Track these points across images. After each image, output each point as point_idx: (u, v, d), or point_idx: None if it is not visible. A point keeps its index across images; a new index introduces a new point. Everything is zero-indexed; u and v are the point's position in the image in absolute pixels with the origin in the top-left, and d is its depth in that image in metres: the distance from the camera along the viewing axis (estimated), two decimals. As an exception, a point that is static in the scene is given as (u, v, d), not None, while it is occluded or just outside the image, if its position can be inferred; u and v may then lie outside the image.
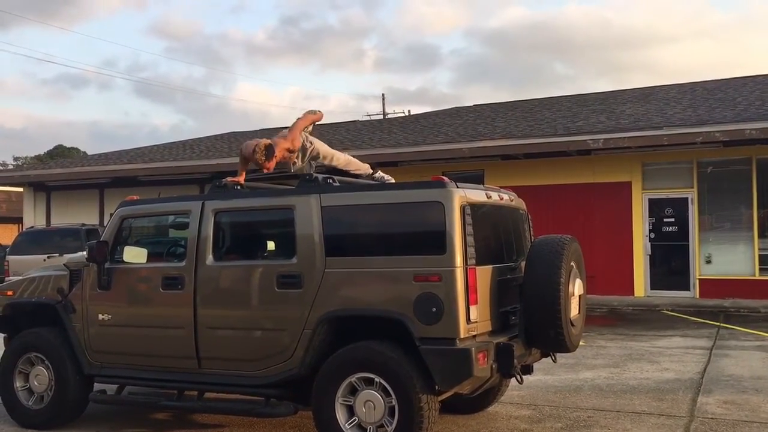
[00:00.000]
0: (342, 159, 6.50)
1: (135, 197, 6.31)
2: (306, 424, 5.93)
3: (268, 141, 5.89)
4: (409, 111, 41.56)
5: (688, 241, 14.92)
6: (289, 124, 6.37)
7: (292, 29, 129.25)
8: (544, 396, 7.07)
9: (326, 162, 6.47)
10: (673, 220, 15.10)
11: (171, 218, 6.33)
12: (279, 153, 5.92)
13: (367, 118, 41.73)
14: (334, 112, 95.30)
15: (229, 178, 6.00)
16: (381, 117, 42.37)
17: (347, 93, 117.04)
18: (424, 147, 16.20)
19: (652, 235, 15.20)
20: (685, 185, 15.02)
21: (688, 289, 14.83)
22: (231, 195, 5.82)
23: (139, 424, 6.29)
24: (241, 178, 6.05)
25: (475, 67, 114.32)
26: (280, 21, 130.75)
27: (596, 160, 15.40)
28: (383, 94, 44.91)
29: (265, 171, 5.94)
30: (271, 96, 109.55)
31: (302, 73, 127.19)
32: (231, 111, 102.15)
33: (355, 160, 6.61)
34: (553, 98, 20.73)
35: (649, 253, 15.17)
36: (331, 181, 5.55)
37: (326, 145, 6.50)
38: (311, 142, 6.36)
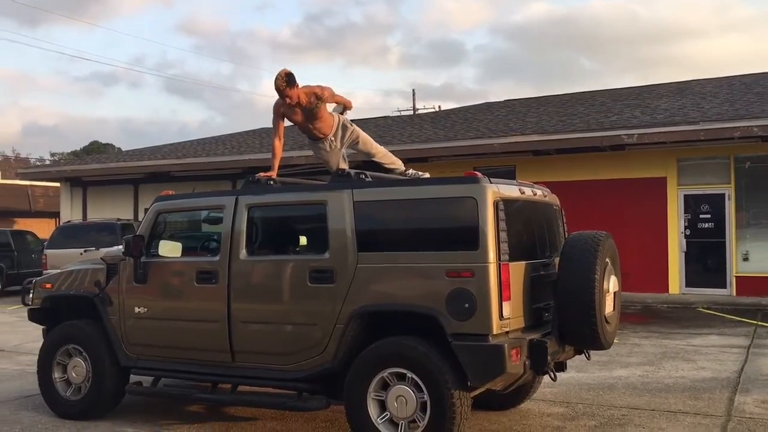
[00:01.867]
0: (380, 150, 6.53)
1: (170, 192, 6.39)
2: (338, 418, 5.95)
3: (289, 70, 5.97)
4: (439, 106, 41.41)
5: (724, 238, 14.64)
6: None
7: (316, 26, 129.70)
8: (577, 393, 7.01)
9: (364, 149, 6.51)
10: (709, 216, 14.83)
11: (205, 213, 6.40)
12: (303, 93, 5.98)
13: (397, 114, 41.74)
14: (360, 109, 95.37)
15: (262, 174, 6.04)
16: (411, 113, 42.30)
17: (372, 89, 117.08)
18: (454, 143, 16.13)
19: (688, 232, 14.95)
20: (721, 181, 14.74)
21: (724, 286, 14.56)
22: (264, 190, 5.86)
23: (174, 416, 6.37)
24: (274, 173, 6.08)
25: (499, 62, 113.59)
26: (304, 18, 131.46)
27: (630, 156, 15.19)
28: (413, 90, 44.91)
29: (287, 102, 5.98)
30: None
31: (327, 70, 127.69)
32: (258, 107, 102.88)
33: (391, 154, 6.62)
34: (586, 93, 20.49)
35: (685, 250, 14.92)
36: (363, 176, 5.55)
37: (366, 134, 6.53)
38: (351, 125, 6.39)
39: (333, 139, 6.25)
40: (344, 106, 6.49)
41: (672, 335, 10.52)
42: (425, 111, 42.23)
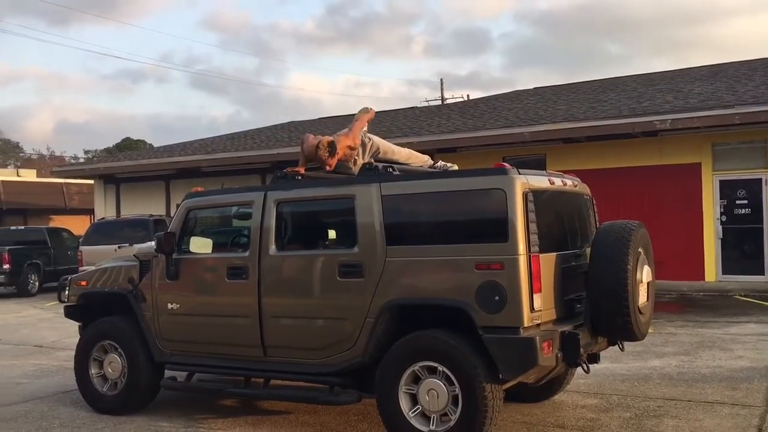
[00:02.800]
0: (403, 153, 6.48)
1: (200, 189, 6.44)
2: (370, 411, 5.96)
3: (330, 138, 5.90)
4: (468, 96, 41.15)
5: (762, 224, 14.31)
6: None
7: (339, 17, 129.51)
8: (611, 384, 6.92)
9: (385, 157, 6.46)
10: (746, 202, 14.50)
11: (235, 209, 6.44)
12: (341, 150, 5.92)
13: (425, 104, 41.58)
14: (386, 99, 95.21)
15: (290, 169, 6.05)
16: (439, 102, 42.11)
17: (398, 79, 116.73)
18: (483, 132, 15.99)
19: (724, 218, 14.65)
20: (758, 165, 14.40)
21: (762, 273, 14.24)
22: (292, 185, 5.87)
23: (208, 410, 6.44)
24: (302, 169, 6.09)
25: (526, 50, 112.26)
26: (327, 9, 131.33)
27: (663, 142, 14.92)
28: (441, 80, 44.51)
29: (328, 169, 5.93)
30: (323, 84, 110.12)
31: (352, 61, 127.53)
32: (284, 100, 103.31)
33: (416, 153, 6.58)
34: (617, 78, 20.16)
35: (721, 236, 14.63)
36: (391, 169, 5.53)
37: (385, 141, 6.49)
38: (370, 138, 6.37)
39: (356, 158, 6.22)
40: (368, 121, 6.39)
41: (708, 324, 10.34)
42: (453, 101, 42.09)
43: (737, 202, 14.58)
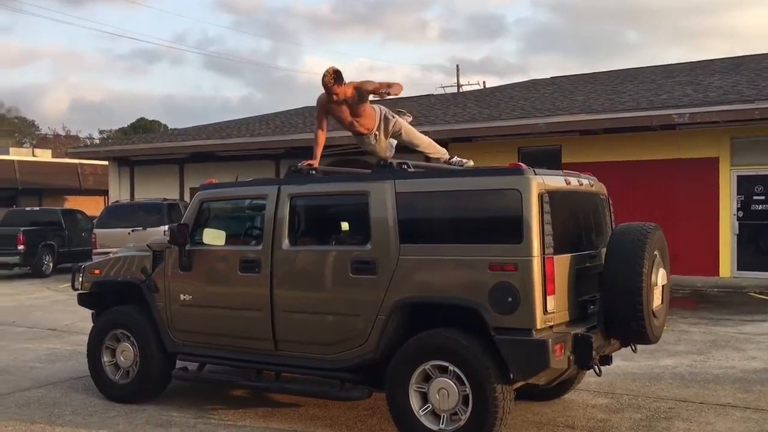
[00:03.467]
0: (424, 140, 6.48)
1: (214, 180, 6.43)
2: (380, 406, 5.96)
3: (337, 68, 5.99)
4: (484, 83, 40.87)
5: (779, 220, 14.18)
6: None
7: (354, 1, 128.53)
8: (622, 384, 6.89)
9: (407, 139, 6.48)
10: (763, 198, 14.34)
11: (248, 202, 6.43)
12: (349, 89, 6.01)
13: (441, 90, 41.35)
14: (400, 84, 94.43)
15: (305, 162, 6.03)
16: (455, 89, 41.89)
17: (412, 65, 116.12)
18: (499, 122, 15.89)
19: (740, 214, 14.50)
20: (777, 161, 14.23)
21: (777, 270, 14.12)
22: (306, 180, 5.85)
23: (219, 401, 6.47)
24: (316, 162, 6.07)
25: (541, 36, 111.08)
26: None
27: (681, 135, 14.75)
28: (457, 66, 44.39)
29: (334, 98, 6.03)
30: (337, 68, 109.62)
31: (366, 45, 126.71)
32: (297, 83, 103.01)
33: (436, 144, 6.55)
34: (636, 69, 19.93)
35: (737, 232, 14.49)
36: (405, 166, 5.50)
37: (409, 125, 6.48)
38: (394, 116, 6.36)
39: (377, 132, 6.21)
40: (389, 92, 6.38)
41: (722, 322, 10.27)
42: (469, 87, 41.84)
43: (754, 197, 14.42)
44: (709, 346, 8.63)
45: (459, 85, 43.01)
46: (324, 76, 5.99)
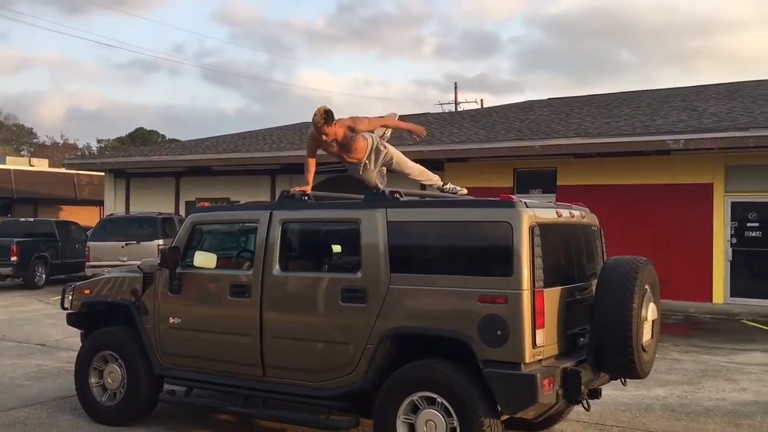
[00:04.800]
0: (416, 169, 6.46)
1: (206, 204, 6.43)
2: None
3: (328, 107, 5.94)
4: (481, 101, 41.05)
5: (772, 248, 14.20)
6: (354, 112, 6.38)
7: (350, 16, 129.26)
8: (612, 414, 6.86)
9: (399, 169, 6.47)
10: (757, 225, 14.38)
11: (240, 225, 6.42)
12: (340, 128, 5.96)
13: (439, 107, 41.51)
14: (395, 100, 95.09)
15: (297, 188, 6.02)
16: (452, 105, 42.05)
17: (407, 80, 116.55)
18: (495, 144, 15.93)
19: (734, 240, 14.53)
20: (771, 188, 14.28)
21: (770, 297, 14.13)
22: (298, 205, 5.84)
23: (206, 424, 6.43)
24: (308, 188, 6.07)
25: (535, 54, 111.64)
26: (338, 8, 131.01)
27: (676, 161, 14.81)
28: (455, 83, 44.54)
29: (324, 138, 5.98)
30: (332, 82, 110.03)
31: (362, 60, 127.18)
32: (293, 96, 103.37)
33: (428, 171, 6.55)
34: (632, 92, 20.05)
35: (730, 258, 14.52)
36: (398, 195, 5.50)
37: (400, 153, 6.47)
38: (385, 147, 6.35)
39: (367, 162, 6.21)
40: (385, 127, 6.40)
41: (714, 350, 10.25)
42: (467, 104, 42.01)
43: (748, 224, 14.46)
44: (700, 375, 8.61)
45: (456, 103, 43.20)
46: (315, 115, 5.92)
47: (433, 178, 6.52)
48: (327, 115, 5.91)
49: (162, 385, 6.39)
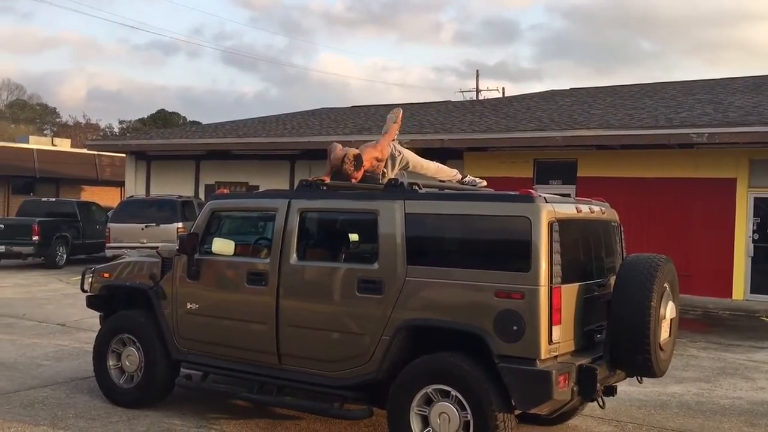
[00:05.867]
0: (432, 168, 6.43)
1: (225, 191, 6.45)
2: (381, 422, 5.93)
3: (357, 151, 5.87)
4: (503, 89, 40.78)
5: (795, 245, 14.01)
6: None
7: (369, 0, 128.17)
8: (627, 411, 6.83)
9: (415, 171, 6.45)
10: (780, 221, 14.20)
11: (258, 213, 6.43)
12: (367, 162, 5.90)
13: (460, 94, 41.29)
14: (414, 86, 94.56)
15: (315, 177, 6.02)
16: (474, 94, 41.81)
17: (425, 66, 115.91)
18: (515, 134, 15.81)
19: (756, 236, 14.35)
20: (795, 184, 14.07)
21: (791, 295, 13.96)
22: (317, 195, 5.84)
23: (221, 409, 6.49)
24: (327, 178, 6.06)
25: (556, 42, 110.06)
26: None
27: (699, 154, 14.62)
28: (477, 71, 44.29)
29: (354, 181, 5.91)
30: (351, 66, 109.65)
31: (380, 45, 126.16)
32: (311, 80, 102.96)
33: (445, 168, 6.53)
34: (656, 84, 19.79)
35: (752, 254, 14.34)
36: (416, 187, 5.47)
37: (414, 154, 6.45)
38: (400, 152, 6.35)
39: (385, 170, 6.18)
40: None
41: (732, 348, 10.15)
42: (488, 92, 41.73)
43: (771, 220, 14.26)
44: (717, 373, 8.54)
45: (478, 90, 42.94)
46: (343, 164, 5.79)
47: (450, 174, 6.50)
48: (357, 162, 5.80)
49: (179, 369, 6.45)
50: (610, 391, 5.62)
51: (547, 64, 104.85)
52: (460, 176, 6.47)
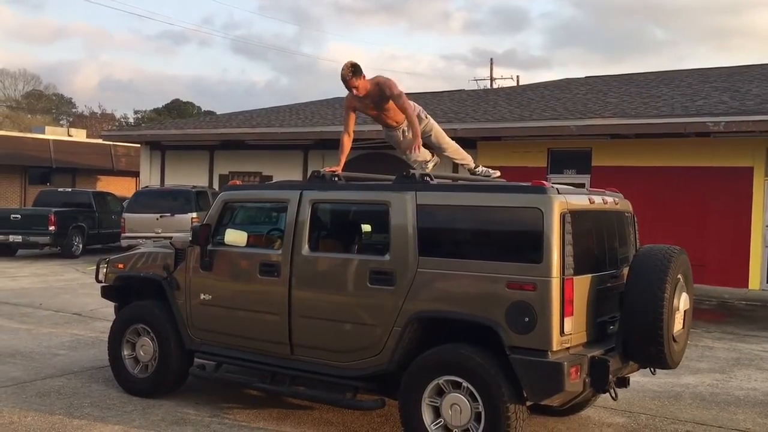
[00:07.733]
0: (452, 145, 6.47)
1: (237, 182, 6.46)
2: (393, 413, 5.94)
3: (355, 61, 6.06)
4: (517, 77, 40.52)
5: (812, 234, 13.85)
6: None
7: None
8: (641, 402, 6.81)
9: (435, 142, 6.52)
10: (797, 210, 14.03)
11: (270, 205, 6.45)
12: (369, 82, 6.05)
13: (475, 84, 41.10)
14: (424, 75, 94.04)
15: (327, 169, 6.02)
16: (488, 83, 41.59)
17: (435, 54, 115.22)
18: (529, 123, 15.71)
19: (773, 226, 14.20)
20: (813, 173, 13.89)
21: (808, 285, 13.82)
22: (329, 186, 5.84)
23: (234, 399, 6.53)
24: (339, 169, 6.06)
25: (566, 30, 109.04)
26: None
27: (715, 143, 14.45)
28: (491, 59, 43.79)
29: (354, 92, 6.07)
30: (360, 55, 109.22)
31: (389, 33, 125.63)
32: (322, 69, 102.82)
33: (462, 150, 6.52)
34: (672, 72, 19.57)
35: (768, 244, 14.21)
36: (428, 178, 5.46)
37: (440, 128, 6.49)
38: (427, 116, 6.36)
39: (406, 129, 6.20)
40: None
41: (747, 338, 10.08)
42: (502, 80, 41.51)
43: (788, 210, 14.10)
44: (732, 364, 8.48)
45: (492, 79, 42.70)
46: (342, 69, 6.07)
47: (466, 158, 6.50)
48: (354, 68, 6.04)
49: (192, 359, 6.50)
50: (623, 382, 5.60)
51: (558, 52, 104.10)
52: (473, 164, 6.46)
